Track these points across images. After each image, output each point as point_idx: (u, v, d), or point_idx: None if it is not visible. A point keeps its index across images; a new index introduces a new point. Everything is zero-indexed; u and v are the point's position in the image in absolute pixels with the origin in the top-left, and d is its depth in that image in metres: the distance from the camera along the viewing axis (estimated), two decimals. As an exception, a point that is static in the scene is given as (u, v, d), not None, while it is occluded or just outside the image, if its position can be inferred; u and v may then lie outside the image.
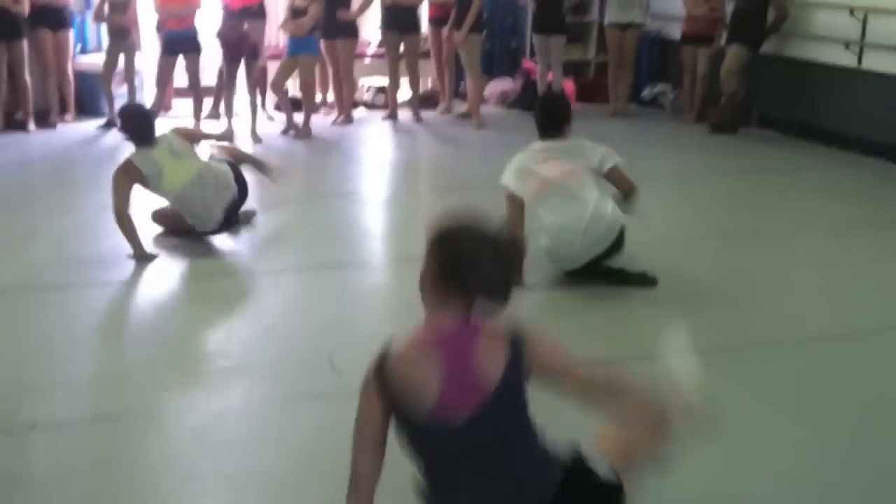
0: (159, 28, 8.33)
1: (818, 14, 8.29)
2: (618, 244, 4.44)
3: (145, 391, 3.57)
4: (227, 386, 3.66)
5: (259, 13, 8.71)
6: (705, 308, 4.44)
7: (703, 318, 4.27)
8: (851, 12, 7.77)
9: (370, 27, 9.89)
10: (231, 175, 5.18)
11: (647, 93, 10.24)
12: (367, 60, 10.02)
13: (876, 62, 7.70)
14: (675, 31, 9.52)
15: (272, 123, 8.90)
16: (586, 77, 10.71)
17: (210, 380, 3.73)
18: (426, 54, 9.64)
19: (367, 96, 10.02)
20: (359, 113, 9.60)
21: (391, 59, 9.13)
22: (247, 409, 3.48)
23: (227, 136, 7.67)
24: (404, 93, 9.48)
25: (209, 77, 8.78)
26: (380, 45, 9.65)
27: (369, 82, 10.05)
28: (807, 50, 8.45)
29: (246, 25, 8.41)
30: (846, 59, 7.94)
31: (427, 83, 10.39)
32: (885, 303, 4.66)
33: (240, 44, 7.92)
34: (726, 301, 4.59)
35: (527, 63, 10.32)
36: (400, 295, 4.83)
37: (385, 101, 9.61)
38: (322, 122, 9.00)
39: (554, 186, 4.43)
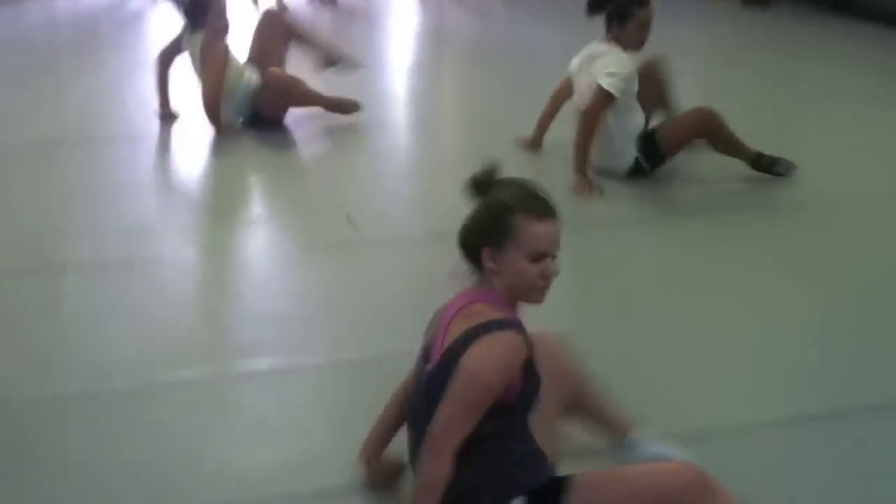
0: None
1: None
2: None
3: (172, 237, 3.71)
4: (249, 234, 3.80)
5: None
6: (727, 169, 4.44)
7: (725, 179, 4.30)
8: None
9: None
10: None
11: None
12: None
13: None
14: None
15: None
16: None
17: (234, 228, 3.86)
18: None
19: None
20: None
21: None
22: (268, 257, 3.62)
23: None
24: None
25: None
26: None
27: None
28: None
29: None
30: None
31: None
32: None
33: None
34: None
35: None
36: (418, 156, 4.92)
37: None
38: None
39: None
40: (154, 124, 5.03)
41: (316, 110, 5.08)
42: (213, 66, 4.77)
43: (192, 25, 4.91)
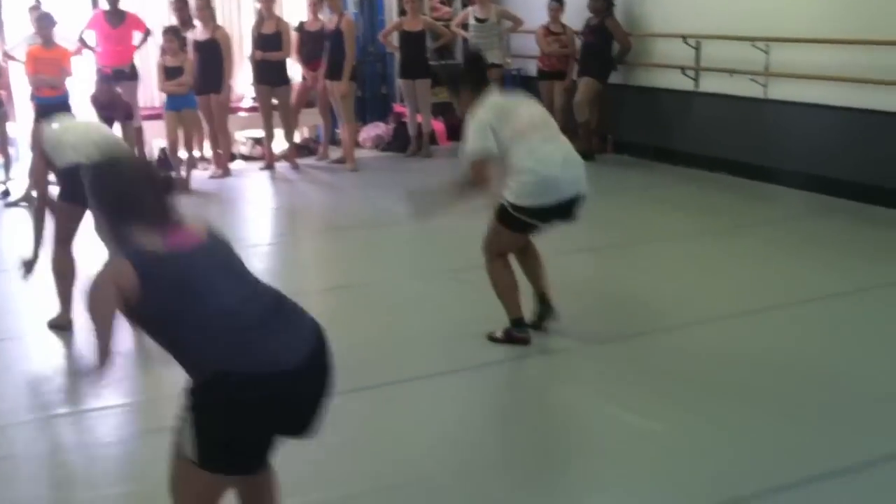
0: (32, 96, 8.49)
1: (657, 43, 9.01)
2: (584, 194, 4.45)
3: None
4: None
5: (131, 75, 8.99)
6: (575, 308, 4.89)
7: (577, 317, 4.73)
8: (684, 40, 8.50)
9: (243, 81, 10.24)
10: None
11: (513, 128, 10.79)
12: (242, 114, 10.33)
13: (711, 84, 8.43)
14: (534, 69, 10.15)
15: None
16: (455, 117, 11.22)
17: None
18: (308, 104, 10.04)
19: (243, 149, 10.34)
20: (236, 165, 9.92)
21: (265, 112, 9.49)
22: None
23: None
24: (280, 143, 9.85)
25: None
26: (253, 100, 9.98)
27: (245, 134, 10.37)
28: (651, 78, 9.17)
29: (119, 88, 8.66)
30: (685, 83, 8.65)
31: (304, 132, 10.80)
32: (717, 296, 5.22)
33: (113, 106, 8.12)
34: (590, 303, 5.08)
35: (398, 107, 10.80)
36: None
37: (262, 153, 9.94)
38: (200, 176, 9.26)
39: (534, 127, 4.35)
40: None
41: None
42: None
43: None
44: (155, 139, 9.67)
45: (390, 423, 3.83)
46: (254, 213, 8.18)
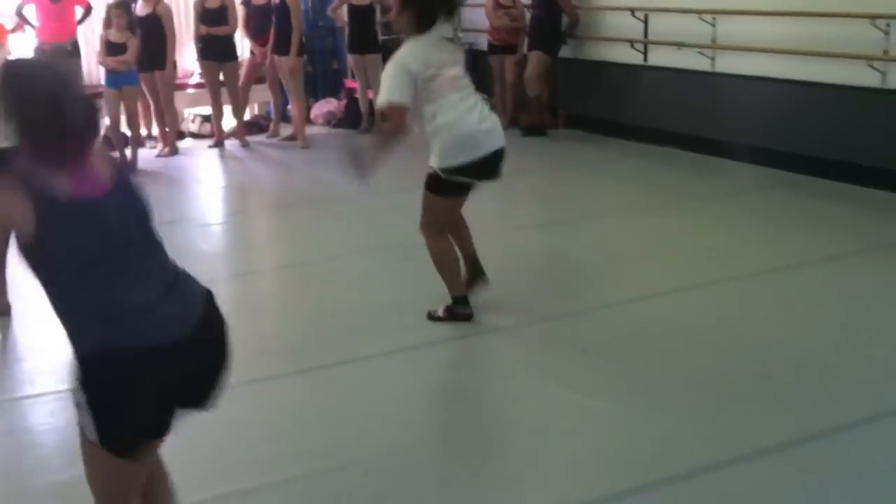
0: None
1: (606, 17, 8.99)
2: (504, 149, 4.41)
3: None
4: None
5: (73, 52, 8.80)
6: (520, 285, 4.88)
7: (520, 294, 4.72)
8: (632, 13, 8.48)
9: (189, 57, 10.07)
10: None
11: (465, 102, 10.73)
12: (190, 91, 10.17)
13: (659, 58, 8.43)
14: (485, 43, 10.07)
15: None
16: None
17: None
18: (259, 80, 9.90)
19: (192, 126, 10.19)
20: (185, 143, 9.77)
21: (212, 88, 9.34)
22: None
23: None
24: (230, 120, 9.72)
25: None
26: (201, 76, 9.82)
27: (194, 112, 10.22)
28: (600, 51, 9.15)
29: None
30: (634, 57, 8.65)
31: (254, 109, 10.66)
32: (661, 271, 5.24)
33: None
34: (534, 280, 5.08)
35: (349, 83, 10.69)
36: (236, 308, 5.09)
37: (211, 130, 9.80)
38: (147, 154, 9.12)
39: (453, 84, 4.26)
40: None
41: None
42: None
43: None
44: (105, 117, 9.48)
45: (328, 405, 3.80)
46: (202, 192, 8.10)
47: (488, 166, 4.33)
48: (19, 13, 8.75)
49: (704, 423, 3.51)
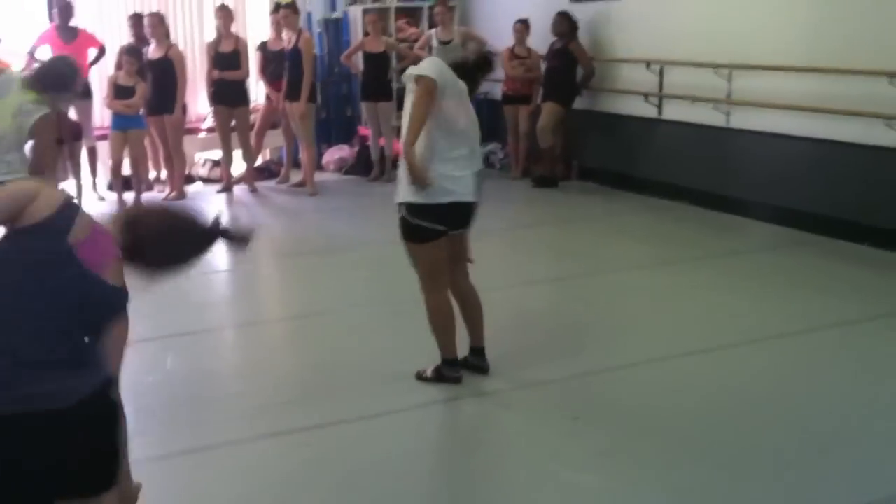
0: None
1: (622, 69, 8.86)
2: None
3: None
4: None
5: (85, 93, 8.76)
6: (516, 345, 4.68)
7: (515, 355, 4.52)
8: (648, 66, 8.35)
9: (202, 101, 10.04)
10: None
11: (478, 151, 10.61)
12: (202, 135, 10.12)
13: (674, 112, 8.27)
14: (500, 93, 9.97)
15: (103, 203, 8.89)
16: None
17: None
18: (274, 125, 9.84)
19: (202, 171, 10.12)
20: (195, 187, 9.70)
21: (222, 133, 9.28)
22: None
23: None
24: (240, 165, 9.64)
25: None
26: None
27: (205, 156, 10.15)
28: (615, 104, 9.01)
29: (71, 106, 8.46)
30: (648, 110, 8.50)
31: (266, 154, 10.59)
32: (666, 332, 5.03)
33: (58, 125, 7.89)
34: (532, 339, 4.88)
35: (363, 130, 10.60)
36: (247, 358, 4.95)
37: (221, 175, 9.72)
38: (154, 198, 9.04)
39: (465, 129, 4.13)
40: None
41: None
42: None
43: None
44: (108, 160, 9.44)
45: (303, 471, 3.60)
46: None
47: (455, 214, 4.15)
48: (31, 54, 8.74)
49: (700, 501, 3.28)
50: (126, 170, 8.71)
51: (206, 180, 10.01)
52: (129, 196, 8.60)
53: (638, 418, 3.96)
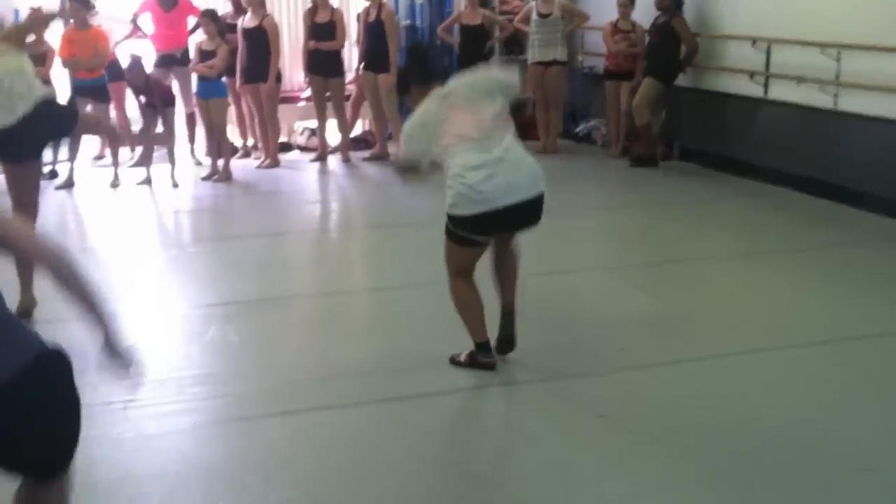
0: (70, 79, 8.42)
1: (727, 46, 8.39)
2: (540, 203, 4.00)
3: None
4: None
5: (183, 60, 8.89)
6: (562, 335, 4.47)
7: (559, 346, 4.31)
8: (753, 43, 7.86)
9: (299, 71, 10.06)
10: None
11: (581, 128, 10.32)
12: (301, 104, 10.15)
13: (780, 92, 7.78)
14: (603, 67, 9.62)
15: (200, 168, 9.03)
16: (523, 115, 10.79)
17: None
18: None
19: (301, 139, 10.16)
20: (291, 155, 9.76)
21: (318, 103, 9.28)
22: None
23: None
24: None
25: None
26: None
27: (304, 125, 10.19)
28: (719, 82, 8.55)
29: (171, 73, 8.66)
30: (753, 89, 8.02)
31: (365, 124, 10.53)
32: (732, 328, 4.70)
33: (148, 90, 8.05)
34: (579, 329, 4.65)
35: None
36: (266, 332, 4.91)
37: (318, 143, 9.73)
38: (248, 165, 9.14)
39: (473, 130, 3.91)
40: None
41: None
42: None
43: None
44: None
45: (322, 450, 3.51)
46: (282, 205, 7.93)
47: (502, 218, 3.92)
48: (134, 21, 8.92)
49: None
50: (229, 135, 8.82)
51: (303, 149, 10.04)
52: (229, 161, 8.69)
53: (679, 427, 3.65)
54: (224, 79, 8.53)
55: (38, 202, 4.93)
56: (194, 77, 8.53)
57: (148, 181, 8.24)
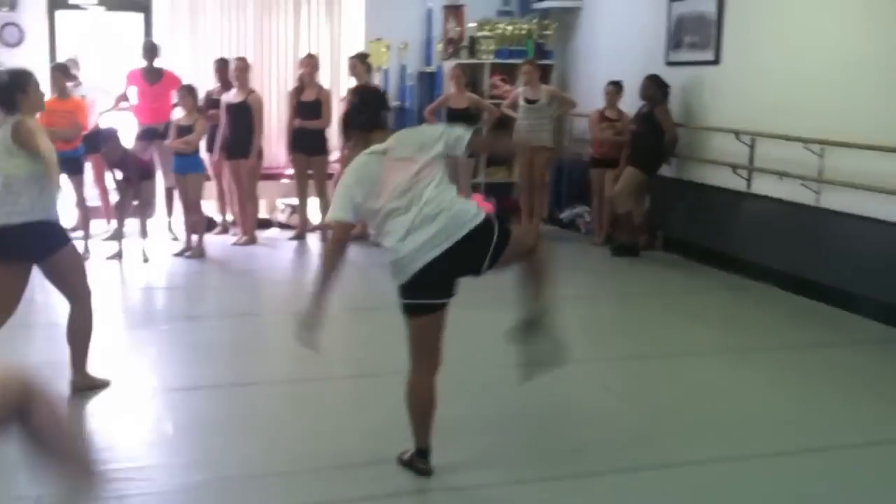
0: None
1: (712, 138, 8.32)
2: (476, 234, 3.68)
3: None
4: None
5: (166, 134, 8.81)
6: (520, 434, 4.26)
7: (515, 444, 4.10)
8: (737, 136, 7.79)
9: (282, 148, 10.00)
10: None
11: (565, 214, 10.23)
12: (284, 181, 10.07)
13: (764, 186, 7.67)
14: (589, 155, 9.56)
15: (176, 243, 8.89)
16: (511, 198, 10.71)
17: None
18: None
19: (282, 216, 10.05)
20: (270, 232, 9.64)
21: (299, 181, 9.19)
22: None
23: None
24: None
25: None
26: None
27: (286, 202, 10.09)
28: (703, 174, 8.46)
29: (153, 146, 8.59)
30: (737, 182, 7.92)
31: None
32: (699, 431, 4.48)
33: (124, 164, 7.97)
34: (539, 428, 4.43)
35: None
36: (220, 422, 4.69)
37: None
38: (223, 241, 9.01)
39: (395, 194, 3.69)
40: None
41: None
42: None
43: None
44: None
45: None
46: (250, 285, 7.76)
47: (433, 273, 3.64)
48: (124, 94, 8.90)
49: None
50: (207, 211, 8.71)
51: (283, 226, 9.92)
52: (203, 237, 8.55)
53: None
54: (203, 154, 8.45)
55: None
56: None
57: (119, 256, 8.09)
